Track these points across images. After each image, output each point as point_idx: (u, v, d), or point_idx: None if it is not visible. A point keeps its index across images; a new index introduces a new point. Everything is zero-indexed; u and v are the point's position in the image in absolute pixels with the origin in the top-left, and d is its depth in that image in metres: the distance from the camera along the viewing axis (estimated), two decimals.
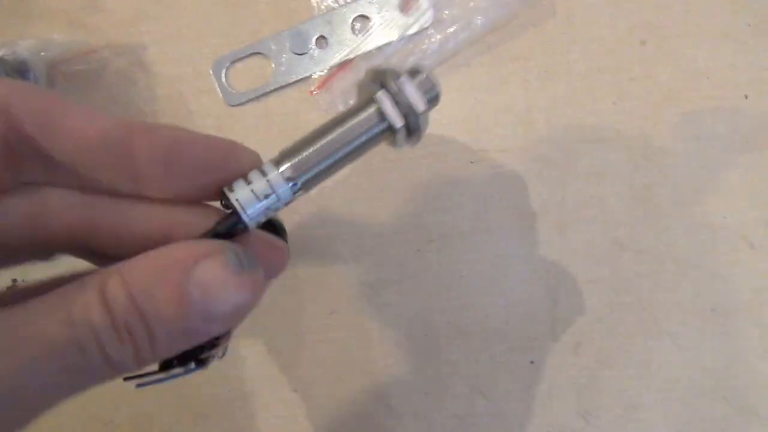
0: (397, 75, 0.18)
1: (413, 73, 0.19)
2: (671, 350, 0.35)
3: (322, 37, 0.35)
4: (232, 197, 0.17)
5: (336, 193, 0.36)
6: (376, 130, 0.18)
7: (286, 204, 0.18)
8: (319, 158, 0.18)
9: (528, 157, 0.35)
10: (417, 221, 0.36)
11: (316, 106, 0.36)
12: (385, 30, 0.35)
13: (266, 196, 0.17)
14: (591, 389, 0.36)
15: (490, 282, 0.36)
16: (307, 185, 0.18)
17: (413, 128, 0.19)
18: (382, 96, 0.18)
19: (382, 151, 0.36)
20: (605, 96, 0.35)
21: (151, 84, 0.36)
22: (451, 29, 0.34)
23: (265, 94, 0.36)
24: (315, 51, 0.35)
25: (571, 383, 0.36)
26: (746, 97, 0.35)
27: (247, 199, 0.17)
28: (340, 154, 0.18)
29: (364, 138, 0.18)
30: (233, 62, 0.36)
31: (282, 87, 0.36)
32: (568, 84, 0.35)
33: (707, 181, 0.35)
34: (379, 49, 0.35)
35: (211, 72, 0.36)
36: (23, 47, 0.34)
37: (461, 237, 0.36)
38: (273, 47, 0.35)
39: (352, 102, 0.35)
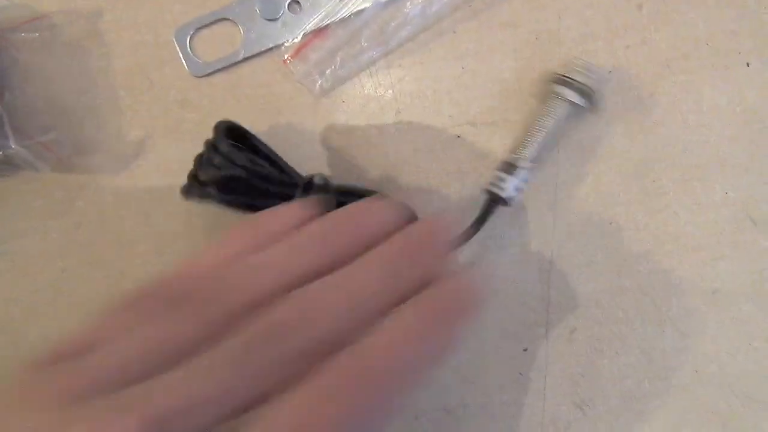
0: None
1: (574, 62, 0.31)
2: (671, 336, 0.33)
3: (294, 0, 0.33)
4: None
5: (312, 169, 0.33)
6: (565, 111, 0.31)
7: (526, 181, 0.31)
8: (540, 145, 0.31)
9: (518, 130, 0.33)
10: (398, 200, 0.33)
11: (289, 76, 0.33)
12: None
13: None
14: (587, 378, 0.33)
15: (479, 264, 0.33)
16: (535, 161, 0.31)
17: (587, 93, 0.30)
18: (560, 87, 0.31)
19: (360, 125, 0.33)
20: (600, 65, 0.33)
21: (108, 54, 0.33)
22: None
23: (234, 64, 0.33)
24: (287, 16, 0.33)
25: (566, 372, 0.33)
26: (748, 65, 0.33)
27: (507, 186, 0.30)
28: (551, 135, 0.31)
29: (561, 119, 0.31)
30: (198, 29, 0.33)
31: (252, 56, 0.33)
32: (560, 52, 0.33)
33: (708, 155, 0.33)
34: (358, 14, 0.32)
35: (174, 40, 0.33)
36: None
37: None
38: (241, 12, 0.33)
39: (327, 73, 0.32)
